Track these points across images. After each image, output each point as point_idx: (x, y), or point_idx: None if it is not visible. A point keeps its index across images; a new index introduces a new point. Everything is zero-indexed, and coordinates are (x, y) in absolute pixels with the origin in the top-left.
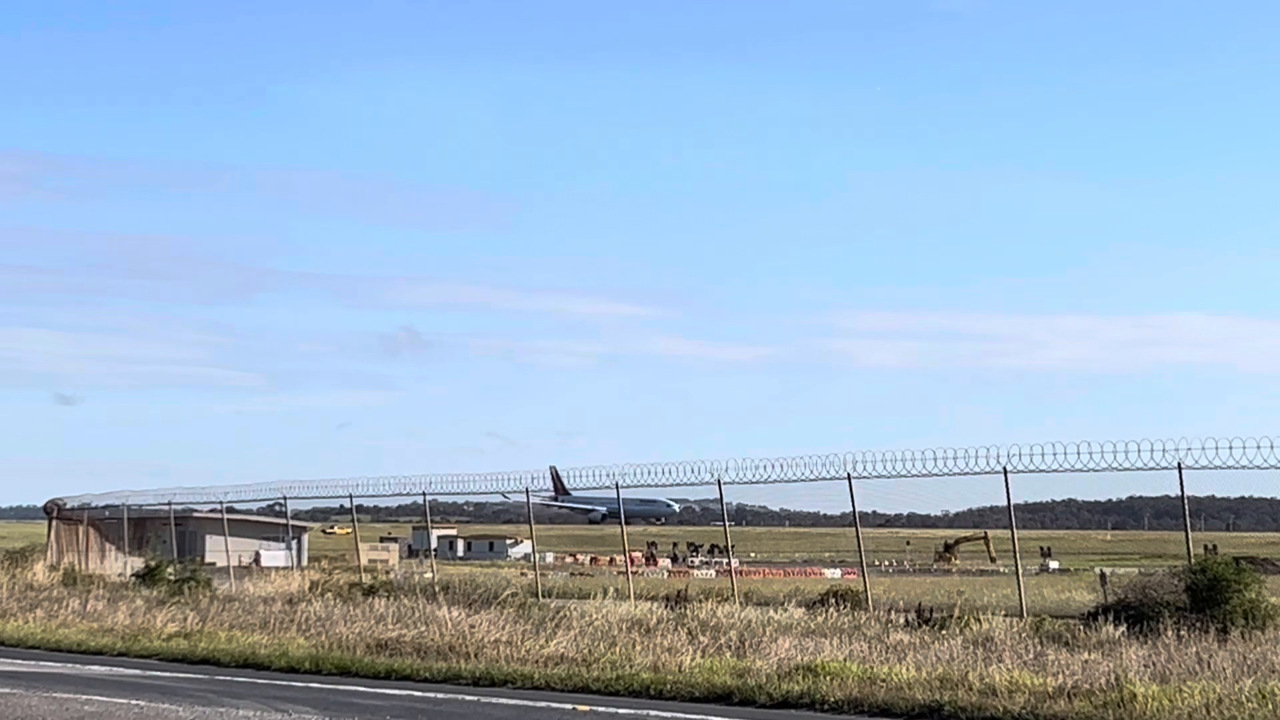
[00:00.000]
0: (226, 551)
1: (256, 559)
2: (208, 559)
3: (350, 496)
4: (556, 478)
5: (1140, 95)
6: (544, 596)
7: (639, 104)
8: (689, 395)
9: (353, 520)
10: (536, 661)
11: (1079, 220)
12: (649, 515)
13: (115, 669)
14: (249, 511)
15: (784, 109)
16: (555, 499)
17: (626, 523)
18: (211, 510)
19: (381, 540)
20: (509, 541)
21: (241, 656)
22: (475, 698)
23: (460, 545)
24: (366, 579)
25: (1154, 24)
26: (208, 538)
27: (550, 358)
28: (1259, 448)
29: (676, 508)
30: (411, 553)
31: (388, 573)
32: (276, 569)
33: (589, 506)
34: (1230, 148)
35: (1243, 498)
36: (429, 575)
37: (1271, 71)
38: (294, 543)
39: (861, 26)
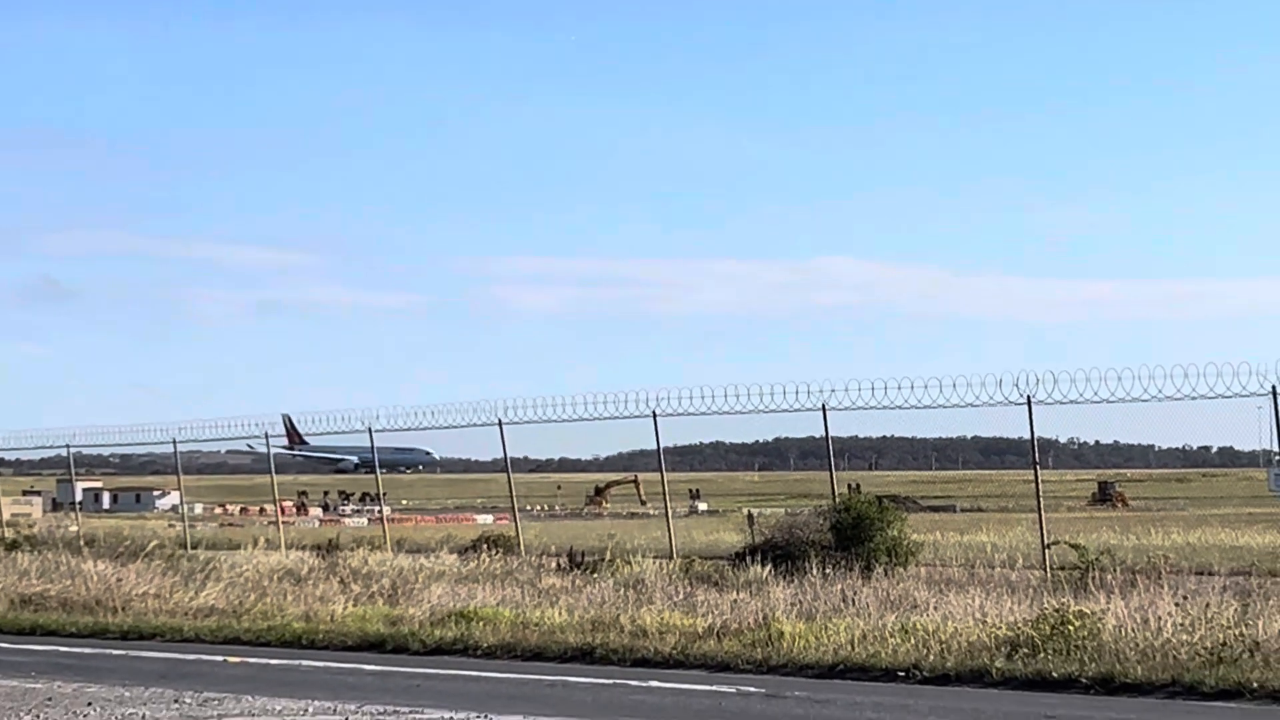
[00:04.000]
0: None
1: None
2: None
3: None
4: (290, 426)
5: (794, 46)
6: (193, 548)
7: (282, 49)
8: (345, 343)
9: None
10: (186, 614)
11: (731, 167)
12: (406, 463)
13: None
14: None
15: (420, 47)
16: (291, 448)
17: (381, 471)
18: None
19: (25, 494)
20: (156, 493)
21: None
22: (124, 651)
23: (106, 498)
24: (9, 533)
25: None
26: None
27: (201, 306)
28: (900, 388)
29: (436, 455)
30: (56, 506)
31: (31, 527)
32: None
33: (338, 456)
34: (878, 102)
35: (885, 437)
36: (74, 529)
37: (918, 32)
38: None
39: None
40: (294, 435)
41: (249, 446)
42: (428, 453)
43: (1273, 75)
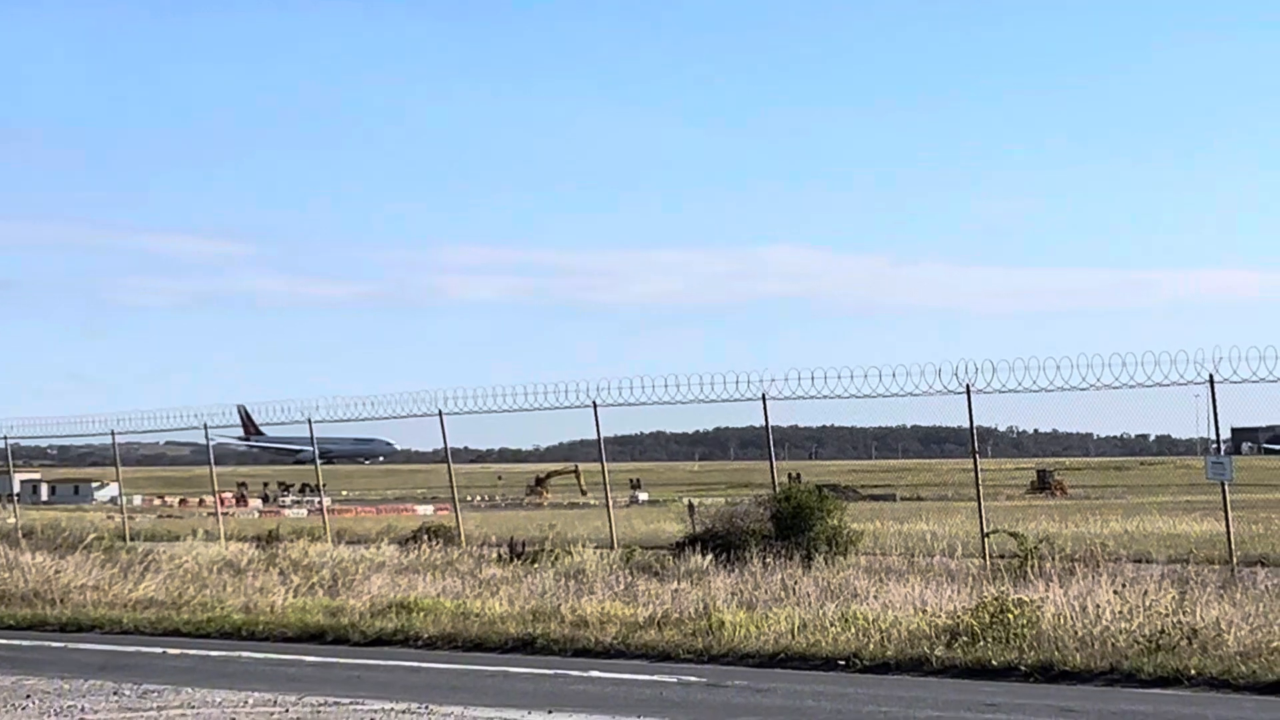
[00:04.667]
0: None
1: None
2: None
3: None
4: (246, 416)
5: (735, 36)
6: (132, 539)
7: (218, 40)
8: (283, 333)
9: None
10: (125, 605)
11: (673, 156)
12: (367, 455)
13: None
14: None
15: (358, 37)
16: (246, 438)
17: (339, 462)
18: None
19: None
20: (95, 485)
21: None
22: (62, 644)
23: (44, 489)
24: None
25: None
26: None
27: (137, 297)
28: (840, 378)
29: (396, 445)
30: None
31: None
32: None
33: (296, 447)
34: (819, 92)
35: (825, 426)
36: (11, 520)
37: (860, 21)
38: None
39: None
40: (250, 426)
41: (207, 438)
42: (389, 443)
43: (1212, 64)
